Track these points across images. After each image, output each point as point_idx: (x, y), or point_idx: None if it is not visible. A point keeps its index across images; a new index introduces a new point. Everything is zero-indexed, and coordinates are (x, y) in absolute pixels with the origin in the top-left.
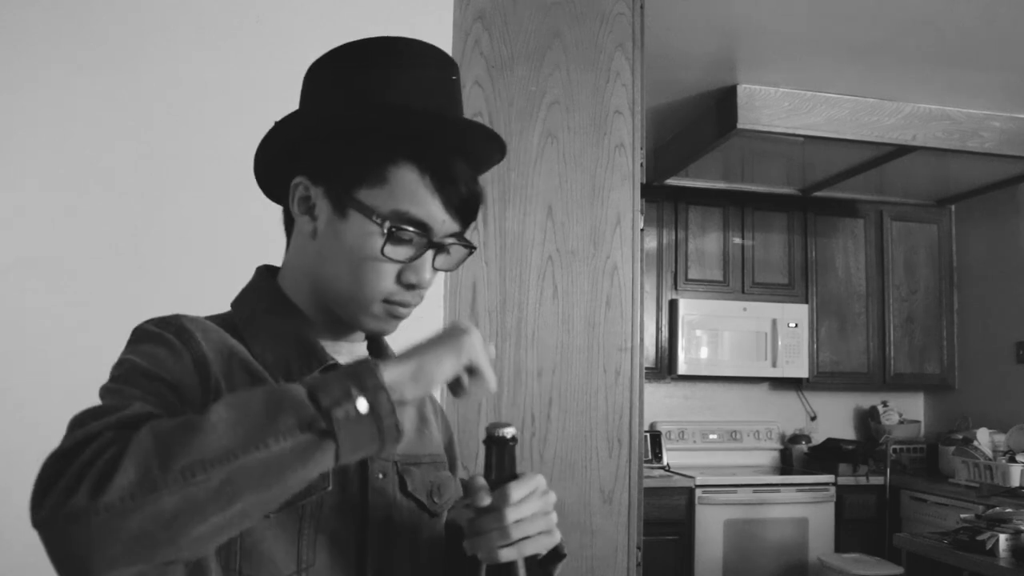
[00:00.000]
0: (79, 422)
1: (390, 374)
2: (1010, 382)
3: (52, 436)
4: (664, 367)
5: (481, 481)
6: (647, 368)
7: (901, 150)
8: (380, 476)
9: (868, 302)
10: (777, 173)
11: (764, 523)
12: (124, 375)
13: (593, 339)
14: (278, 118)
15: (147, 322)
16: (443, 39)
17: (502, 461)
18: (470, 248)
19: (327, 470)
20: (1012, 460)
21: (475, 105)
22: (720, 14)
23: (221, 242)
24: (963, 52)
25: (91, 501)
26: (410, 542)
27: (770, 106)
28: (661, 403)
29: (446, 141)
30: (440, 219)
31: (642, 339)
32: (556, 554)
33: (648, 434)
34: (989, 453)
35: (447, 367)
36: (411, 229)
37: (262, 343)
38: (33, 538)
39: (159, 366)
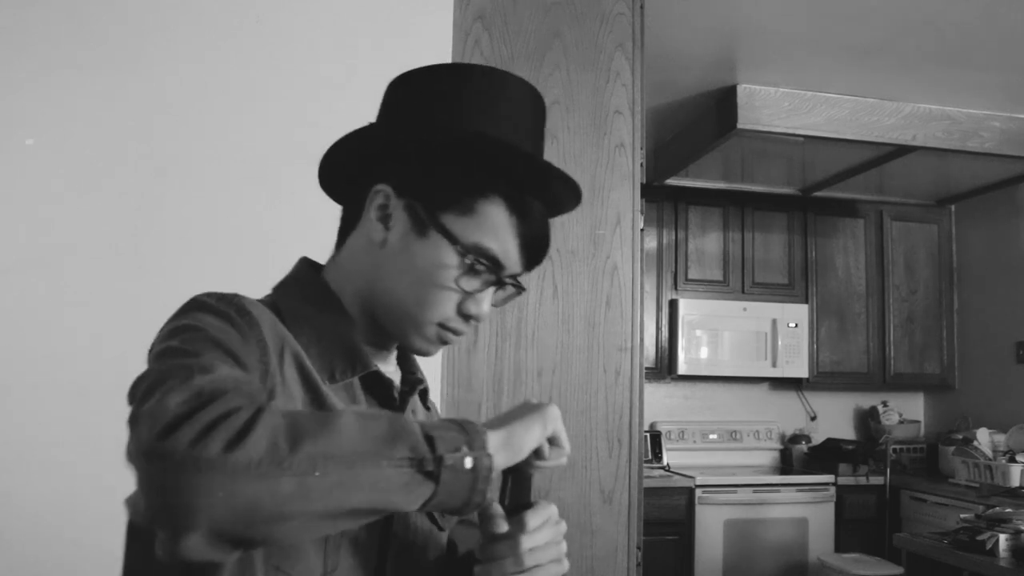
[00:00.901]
0: (169, 374)
1: (490, 441)
2: (1010, 382)
3: (51, 437)
4: (664, 367)
5: (497, 508)
6: (647, 368)
7: (901, 150)
8: None
9: (868, 302)
10: (777, 173)
11: (764, 523)
12: (193, 339)
13: (593, 339)
14: (287, 118)
15: (205, 295)
16: (443, 39)
17: (519, 488)
18: (520, 290)
19: (412, 510)
20: (1012, 460)
21: None
22: (720, 14)
23: (221, 242)
24: (963, 52)
25: (222, 455)
26: (423, 555)
27: (770, 106)
28: (661, 403)
29: (536, 184)
30: (514, 259)
31: (642, 339)
32: None
33: (648, 434)
34: (989, 453)
35: (535, 435)
36: (486, 263)
37: (307, 336)
38: (33, 538)
39: (228, 340)
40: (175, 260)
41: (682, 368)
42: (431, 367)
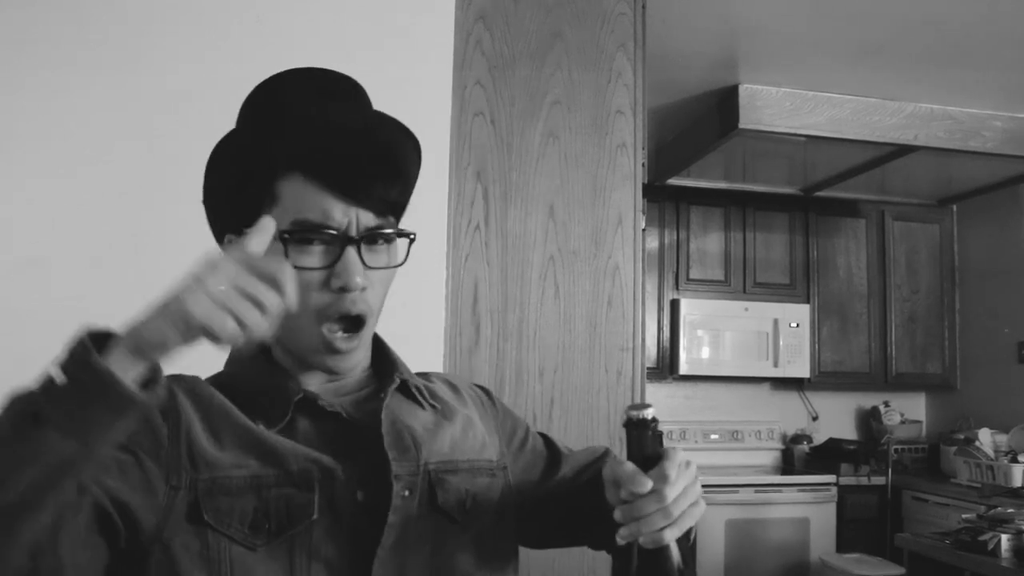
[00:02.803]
0: None
1: (117, 348)
2: (1012, 382)
3: None
4: (666, 367)
5: (631, 466)
6: (648, 368)
7: (903, 150)
8: (405, 494)
9: (869, 302)
10: (779, 173)
11: (766, 523)
12: None
13: (595, 339)
14: None
15: None
16: (444, 39)
17: (647, 442)
18: (404, 235)
19: (64, 448)
20: (1014, 460)
21: (476, 105)
22: (722, 14)
23: None
24: (964, 51)
25: None
26: (430, 558)
27: (772, 106)
28: (663, 403)
29: (326, 140)
30: (340, 214)
31: (644, 339)
32: None
33: None
34: (991, 453)
35: (165, 326)
36: (310, 233)
37: (241, 395)
38: None
39: None
40: (174, 261)
41: (683, 368)
42: (432, 368)
